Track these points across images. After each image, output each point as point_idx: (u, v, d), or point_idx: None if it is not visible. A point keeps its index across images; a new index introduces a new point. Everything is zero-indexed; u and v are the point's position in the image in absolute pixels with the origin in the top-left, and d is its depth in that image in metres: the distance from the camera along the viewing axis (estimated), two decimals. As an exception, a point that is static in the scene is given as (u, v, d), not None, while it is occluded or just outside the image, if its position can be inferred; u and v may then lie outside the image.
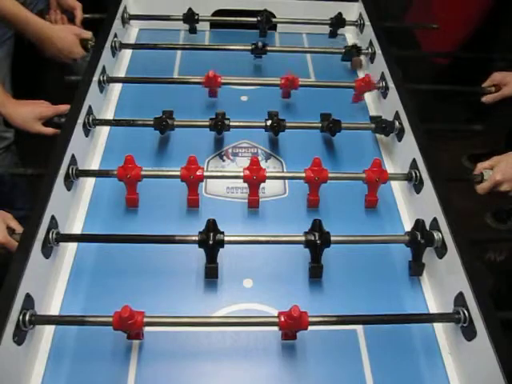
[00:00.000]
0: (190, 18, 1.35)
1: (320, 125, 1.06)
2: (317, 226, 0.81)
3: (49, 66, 1.63)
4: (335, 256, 0.86)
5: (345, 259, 0.87)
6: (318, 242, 0.80)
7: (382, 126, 1.07)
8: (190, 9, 1.34)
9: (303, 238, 0.81)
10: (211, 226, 0.80)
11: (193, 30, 1.38)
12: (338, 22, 1.38)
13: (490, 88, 1.18)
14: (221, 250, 0.80)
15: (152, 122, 1.03)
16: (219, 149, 1.09)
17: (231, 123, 1.04)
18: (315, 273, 0.83)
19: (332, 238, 0.81)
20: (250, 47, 1.26)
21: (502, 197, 0.95)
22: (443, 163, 0.96)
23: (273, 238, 0.83)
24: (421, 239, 0.82)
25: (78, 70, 1.42)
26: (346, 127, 1.06)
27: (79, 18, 1.33)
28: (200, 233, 0.80)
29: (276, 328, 0.72)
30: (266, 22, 1.36)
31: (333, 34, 1.41)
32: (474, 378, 0.71)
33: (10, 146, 1.51)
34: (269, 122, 1.04)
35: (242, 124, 1.06)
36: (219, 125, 1.03)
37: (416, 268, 0.86)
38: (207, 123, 1.03)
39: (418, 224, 0.84)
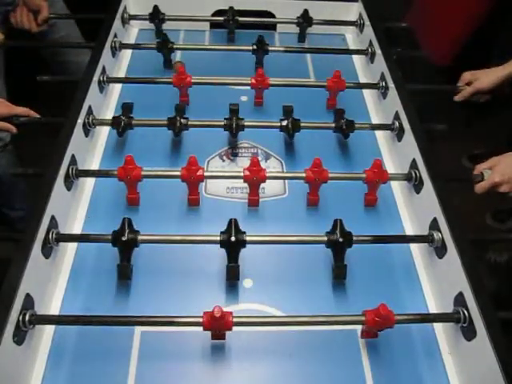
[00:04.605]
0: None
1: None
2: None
3: (47, 68, 1.63)
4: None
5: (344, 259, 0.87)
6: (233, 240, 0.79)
7: (340, 127, 1.04)
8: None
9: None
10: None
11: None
12: (304, 20, 1.36)
13: (462, 87, 1.20)
14: (220, 249, 0.80)
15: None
16: (219, 149, 1.09)
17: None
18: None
19: (248, 239, 0.80)
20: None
21: (501, 197, 0.95)
22: (443, 163, 0.96)
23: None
24: (339, 238, 0.80)
25: (77, 70, 1.42)
26: (305, 126, 1.04)
27: (43, 15, 1.34)
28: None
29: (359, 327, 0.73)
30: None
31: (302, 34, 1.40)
32: (474, 378, 0.71)
33: (7, 146, 1.50)
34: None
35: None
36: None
37: (337, 271, 0.81)
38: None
39: (336, 224, 0.81)
